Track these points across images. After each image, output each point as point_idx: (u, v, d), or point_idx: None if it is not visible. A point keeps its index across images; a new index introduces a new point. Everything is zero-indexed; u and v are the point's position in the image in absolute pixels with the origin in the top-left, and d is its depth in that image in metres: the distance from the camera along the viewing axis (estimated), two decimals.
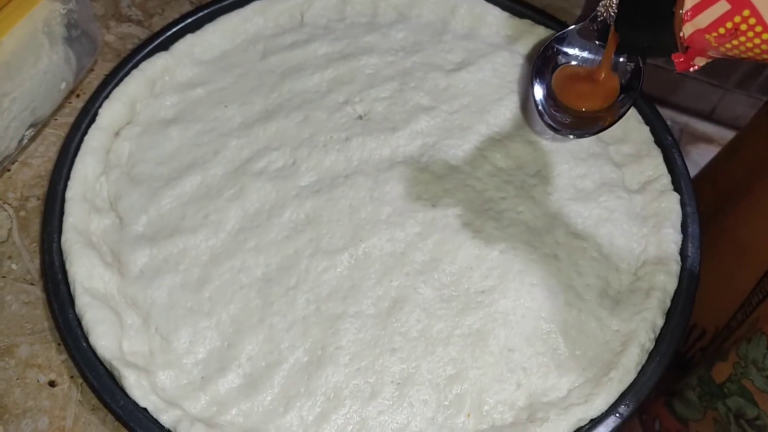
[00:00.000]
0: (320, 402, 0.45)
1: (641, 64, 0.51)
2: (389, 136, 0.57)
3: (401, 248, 0.52)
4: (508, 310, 0.49)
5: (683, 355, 0.62)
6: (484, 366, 0.46)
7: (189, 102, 0.61)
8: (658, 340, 0.47)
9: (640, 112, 0.59)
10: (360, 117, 0.59)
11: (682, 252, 0.51)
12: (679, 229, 0.52)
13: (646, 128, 0.58)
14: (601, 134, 0.59)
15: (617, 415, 0.44)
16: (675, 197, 0.54)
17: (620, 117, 0.51)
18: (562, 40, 0.55)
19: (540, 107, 0.53)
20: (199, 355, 0.48)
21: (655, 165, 0.56)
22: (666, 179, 0.55)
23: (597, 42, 0.53)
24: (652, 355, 0.46)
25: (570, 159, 0.56)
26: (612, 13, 0.47)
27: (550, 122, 0.53)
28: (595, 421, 0.44)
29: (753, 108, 0.74)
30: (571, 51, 0.54)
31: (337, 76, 0.62)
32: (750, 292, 0.53)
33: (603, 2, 0.48)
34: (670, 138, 0.57)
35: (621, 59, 0.51)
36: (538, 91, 0.54)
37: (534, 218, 0.53)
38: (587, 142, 0.57)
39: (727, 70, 0.90)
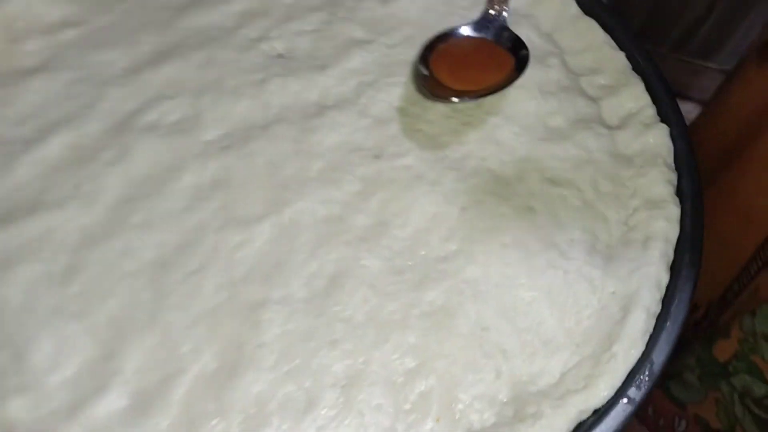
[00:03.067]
0: (238, 422, 0.32)
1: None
2: (317, 76, 0.44)
3: (338, 211, 0.39)
4: (477, 278, 0.37)
5: None
6: (453, 352, 0.34)
7: (58, 47, 0.46)
8: (666, 301, 0.36)
9: (613, 36, 0.48)
10: (279, 55, 0.46)
11: (679, 192, 0.41)
12: (673, 165, 0.42)
13: (621, 54, 0.47)
14: (571, 64, 0.48)
15: (627, 400, 0.33)
16: (663, 130, 0.43)
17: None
18: (448, 36, 0.45)
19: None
20: (68, 371, 0.33)
21: (635, 95, 0.45)
22: (650, 110, 0.44)
23: (488, 39, 0.45)
24: (660, 319, 0.36)
25: (537, 94, 0.45)
26: (505, 12, 0.46)
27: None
28: (601, 412, 0.33)
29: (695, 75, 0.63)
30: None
31: (248, 8, 0.48)
32: (748, 260, 0.43)
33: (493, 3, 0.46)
34: (650, 63, 0.46)
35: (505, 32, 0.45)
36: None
37: (501, 165, 0.41)
38: (556, 74, 0.46)
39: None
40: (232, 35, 0.46)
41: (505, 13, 0.46)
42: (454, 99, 0.40)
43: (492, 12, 0.46)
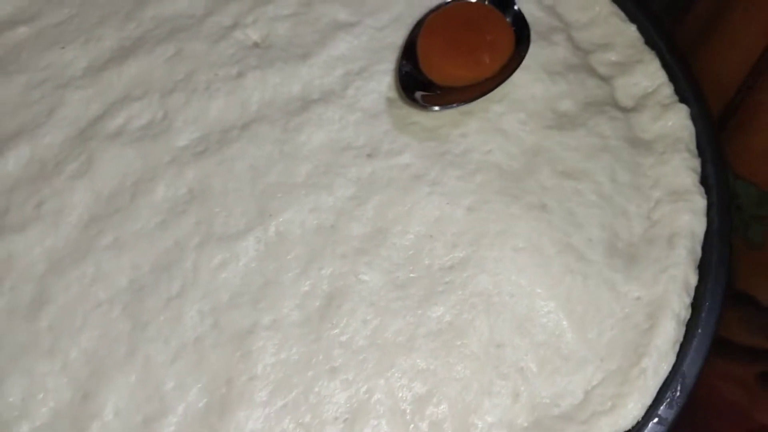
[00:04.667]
0: None
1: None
2: (298, 67, 0.39)
3: (330, 220, 0.34)
4: (489, 289, 0.33)
5: None
6: (466, 375, 0.31)
7: (9, 47, 0.40)
8: (695, 306, 0.33)
9: (622, 6, 0.43)
10: (256, 45, 0.41)
11: (704, 180, 0.37)
12: (696, 151, 0.38)
13: (632, 26, 0.42)
14: (577, 39, 0.43)
15: (658, 419, 0.29)
16: (683, 110, 0.39)
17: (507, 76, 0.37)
18: (440, 8, 0.39)
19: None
20: (39, 418, 0.30)
21: (650, 73, 0.40)
22: (668, 89, 0.40)
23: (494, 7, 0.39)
24: (690, 326, 0.32)
25: (544, 76, 0.40)
26: None
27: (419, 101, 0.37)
28: None
29: None
30: None
31: None
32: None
33: None
34: (664, 35, 0.42)
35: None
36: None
37: (508, 158, 0.37)
38: (562, 51, 0.41)
39: None
40: (202, 24, 0.41)
41: None
42: (435, 107, 0.36)
43: None
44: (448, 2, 0.41)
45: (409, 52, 0.39)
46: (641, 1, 0.43)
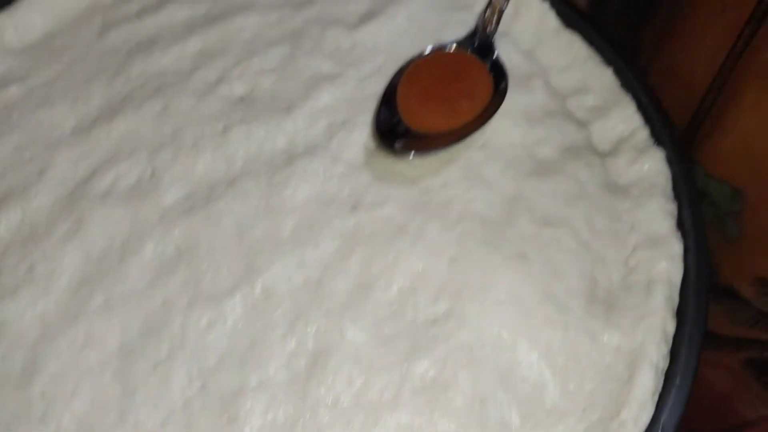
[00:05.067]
0: None
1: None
2: (283, 120, 0.40)
3: (316, 276, 0.35)
4: (471, 342, 0.33)
5: None
6: (450, 430, 0.31)
7: (1, 107, 0.41)
8: (673, 353, 0.33)
9: (598, 49, 0.44)
10: (241, 99, 0.41)
11: (680, 224, 0.37)
12: (672, 195, 0.38)
13: (608, 70, 0.43)
14: (555, 84, 0.44)
15: None
16: (659, 154, 0.39)
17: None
18: (419, 58, 0.41)
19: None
20: None
21: (626, 116, 0.41)
22: (643, 132, 0.40)
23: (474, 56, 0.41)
24: (669, 375, 0.33)
25: (522, 121, 0.41)
26: (493, 27, 0.42)
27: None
28: None
29: None
30: None
31: (205, 47, 0.43)
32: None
33: (485, 16, 0.42)
34: (638, 77, 0.42)
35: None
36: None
37: (488, 207, 0.37)
38: (540, 97, 0.42)
39: None
40: (189, 79, 0.42)
41: (492, 33, 0.42)
42: (410, 154, 0.37)
43: (481, 29, 0.42)
44: (428, 52, 0.42)
45: (388, 99, 0.40)
46: (615, 42, 0.44)
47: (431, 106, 0.39)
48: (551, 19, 0.45)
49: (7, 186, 0.38)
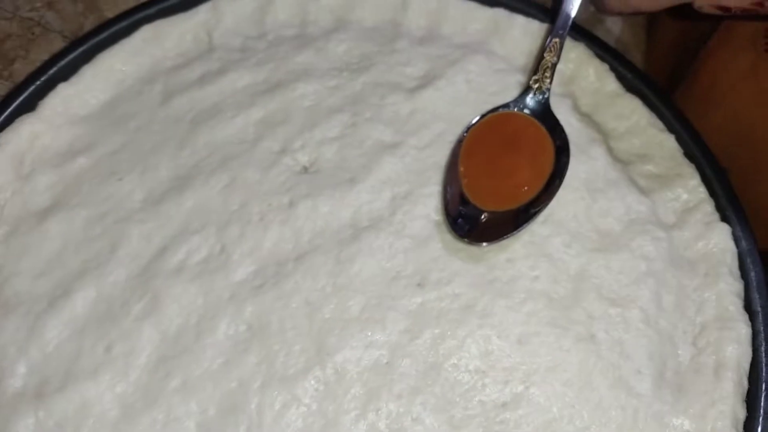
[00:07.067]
0: None
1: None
2: (347, 193, 0.40)
3: (386, 357, 0.36)
4: (541, 428, 0.34)
5: None
6: None
7: (70, 179, 0.42)
8: None
9: (660, 116, 0.44)
10: (304, 169, 0.42)
11: (747, 305, 0.37)
12: (738, 274, 0.38)
13: (671, 137, 0.43)
14: (615, 151, 0.44)
15: None
16: (726, 230, 0.39)
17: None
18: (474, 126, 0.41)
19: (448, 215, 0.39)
20: None
21: (690, 187, 0.41)
22: (708, 206, 0.40)
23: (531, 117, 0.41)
24: None
25: (585, 193, 0.41)
26: (546, 88, 0.42)
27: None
28: None
29: None
30: None
31: (267, 115, 0.44)
32: None
33: (535, 77, 0.42)
34: (701, 146, 0.42)
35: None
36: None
37: (554, 285, 0.38)
38: (602, 165, 0.42)
39: None
40: (254, 150, 0.42)
41: (546, 90, 0.42)
42: (483, 243, 0.37)
43: (534, 87, 0.42)
44: (485, 114, 0.42)
45: (451, 173, 0.40)
46: (676, 108, 0.43)
47: (495, 185, 0.39)
48: (611, 82, 0.45)
49: (80, 261, 0.39)
